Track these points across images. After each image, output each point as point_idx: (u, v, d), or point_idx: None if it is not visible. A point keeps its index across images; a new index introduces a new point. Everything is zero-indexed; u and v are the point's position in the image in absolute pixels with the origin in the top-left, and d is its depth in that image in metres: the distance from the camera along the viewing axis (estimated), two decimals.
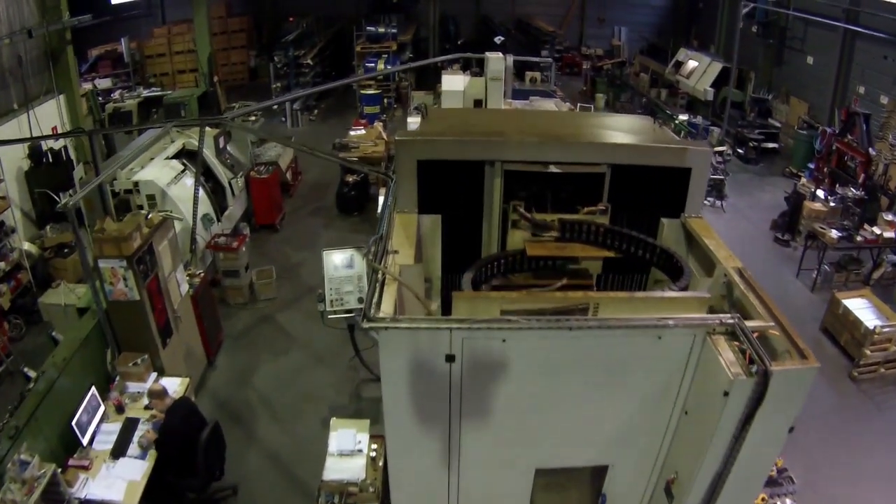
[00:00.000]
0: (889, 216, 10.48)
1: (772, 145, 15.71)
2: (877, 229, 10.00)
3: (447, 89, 10.99)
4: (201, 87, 15.92)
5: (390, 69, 17.02)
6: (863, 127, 12.19)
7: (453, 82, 11.06)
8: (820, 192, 11.76)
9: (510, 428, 3.62)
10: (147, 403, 6.09)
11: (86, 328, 6.41)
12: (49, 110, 11.28)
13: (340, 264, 6.51)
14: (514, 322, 3.18)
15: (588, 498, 4.11)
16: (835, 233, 9.91)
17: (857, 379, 8.11)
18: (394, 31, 18.73)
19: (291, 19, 21.46)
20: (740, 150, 15.52)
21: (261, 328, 9.10)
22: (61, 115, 11.65)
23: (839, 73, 14.88)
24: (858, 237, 9.92)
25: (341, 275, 6.49)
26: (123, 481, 5.38)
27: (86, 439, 5.64)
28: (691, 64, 18.28)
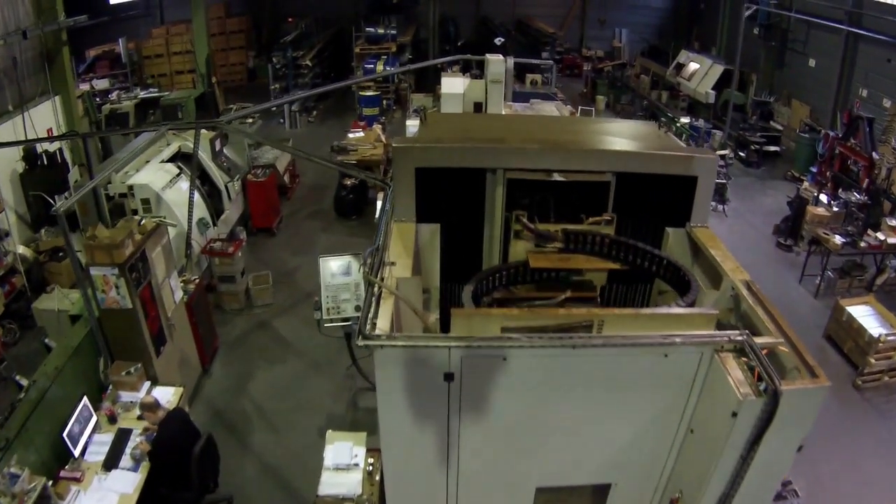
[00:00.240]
0: (893, 221, 10.38)
1: (774, 148, 15.59)
2: (881, 235, 9.88)
3: (447, 92, 10.84)
4: (199, 88, 15.79)
5: (389, 71, 16.91)
6: (866, 130, 12.09)
7: (453, 85, 10.94)
8: (823, 197, 11.67)
9: (510, 446, 3.52)
10: (140, 414, 5.97)
11: (78, 336, 6.29)
12: (44, 112, 11.20)
13: (337, 271, 6.43)
14: (516, 340, 3.08)
15: None
16: (838, 238, 9.80)
17: (860, 387, 8.01)
18: (393, 32, 18.64)
19: (290, 20, 21.39)
20: (742, 154, 15.42)
21: (257, 335, 8.98)
22: (57, 117, 11.55)
23: (841, 75, 14.79)
24: (862, 243, 9.80)
25: (338, 282, 6.41)
26: (115, 494, 5.26)
27: (77, 451, 5.52)
28: (692, 66, 18.14)
